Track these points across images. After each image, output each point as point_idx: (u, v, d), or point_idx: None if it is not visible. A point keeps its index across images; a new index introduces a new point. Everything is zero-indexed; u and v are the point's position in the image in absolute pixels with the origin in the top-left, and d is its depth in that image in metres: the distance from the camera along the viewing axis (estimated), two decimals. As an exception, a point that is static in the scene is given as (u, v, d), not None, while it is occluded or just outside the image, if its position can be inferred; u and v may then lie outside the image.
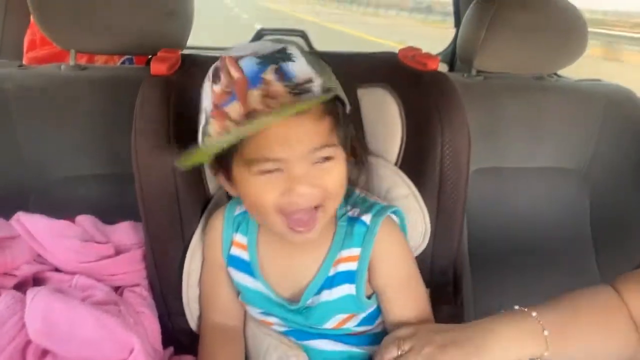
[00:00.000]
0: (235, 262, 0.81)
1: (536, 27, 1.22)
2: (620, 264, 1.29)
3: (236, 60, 0.66)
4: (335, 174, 0.69)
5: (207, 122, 0.68)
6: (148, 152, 0.82)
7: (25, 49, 1.47)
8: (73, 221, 0.90)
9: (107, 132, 1.08)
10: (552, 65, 1.31)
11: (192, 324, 0.88)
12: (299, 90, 0.64)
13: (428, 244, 0.91)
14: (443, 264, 0.93)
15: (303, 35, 1.79)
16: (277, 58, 0.65)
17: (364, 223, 0.76)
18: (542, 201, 1.28)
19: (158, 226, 0.86)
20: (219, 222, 0.81)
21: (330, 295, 0.75)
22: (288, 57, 0.66)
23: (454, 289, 0.95)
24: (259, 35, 1.97)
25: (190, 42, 1.17)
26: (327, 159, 0.67)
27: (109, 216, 0.96)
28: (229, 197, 0.90)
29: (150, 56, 1.14)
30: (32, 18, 1.27)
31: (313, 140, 0.65)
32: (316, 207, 0.69)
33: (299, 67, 0.65)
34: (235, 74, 0.65)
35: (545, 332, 0.66)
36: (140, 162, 0.83)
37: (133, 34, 1.09)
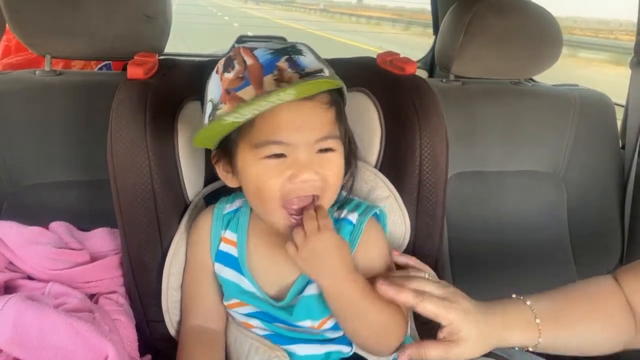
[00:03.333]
0: (222, 258, 0.80)
1: (512, 33, 1.25)
2: (598, 264, 1.32)
3: (251, 50, 0.69)
4: (335, 165, 0.71)
5: (215, 109, 0.70)
6: (124, 153, 0.81)
7: (0, 56, 1.45)
8: (47, 228, 0.88)
9: (83, 137, 1.06)
10: (528, 70, 1.33)
11: (171, 329, 0.86)
12: (311, 77, 0.67)
13: (408, 245, 0.91)
14: (423, 266, 0.93)
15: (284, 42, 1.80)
16: (289, 51, 0.69)
17: (349, 222, 0.78)
18: (521, 204, 1.30)
19: (135, 230, 0.84)
20: (208, 219, 0.82)
21: (313, 289, 0.76)
22: (298, 52, 0.69)
23: (434, 291, 0.95)
24: (239, 41, 1.97)
25: (178, 48, 1.17)
26: (329, 149, 0.70)
27: (84, 223, 0.95)
28: (207, 202, 0.90)
29: (127, 62, 1.13)
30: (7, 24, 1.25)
31: (320, 128, 0.69)
32: (314, 198, 0.70)
33: (309, 60, 0.69)
34: (249, 60, 0.68)
35: (537, 320, 0.68)
36: (116, 164, 0.82)
37: (109, 38, 1.08)
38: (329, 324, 0.78)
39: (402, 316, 0.75)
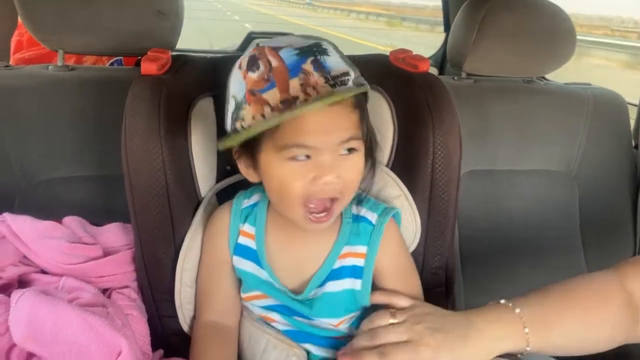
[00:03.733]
0: (241, 251, 0.81)
1: (525, 31, 1.24)
2: (608, 261, 1.29)
3: (275, 50, 0.68)
4: (357, 167, 0.72)
5: (239, 108, 0.70)
6: (138, 149, 0.81)
7: (12, 51, 1.46)
8: (60, 222, 0.88)
9: (96, 133, 1.06)
10: (541, 68, 1.32)
11: (184, 325, 0.86)
12: (336, 82, 0.67)
13: (419, 245, 0.91)
14: (435, 265, 0.93)
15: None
16: (315, 51, 0.68)
17: (369, 222, 0.80)
18: (532, 203, 1.29)
19: (148, 226, 0.84)
20: (226, 214, 0.83)
21: (335, 287, 0.77)
22: (324, 52, 0.69)
23: (445, 289, 0.95)
24: (249, 38, 1.97)
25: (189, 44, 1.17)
26: (352, 150, 0.71)
27: (97, 218, 0.95)
28: (219, 199, 0.90)
29: (139, 57, 1.14)
30: (19, 19, 1.25)
31: (344, 131, 0.69)
32: (333, 199, 0.71)
33: (335, 61, 0.69)
34: (275, 62, 0.68)
35: (526, 330, 0.66)
36: (130, 159, 0.82)
37: (122, 34, 1.08)
38: (347, 322, 0.79)
39: None
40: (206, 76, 0.95)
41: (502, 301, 0.71)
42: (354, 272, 0.78)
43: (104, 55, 1.39)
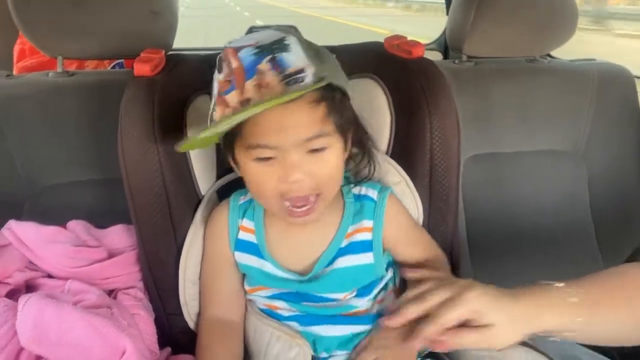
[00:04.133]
0: (242, 246, 0.82)
1: (524, 9, 1.21)
2: (622, 245, 1.28)
3: (236, 50, 0.70)
4: (329, 163, 0.71)
5: (213, 108, 0.72)
6: (134, 151, 0.82)
7: (15, 59, 1.47)
8: (65, 227, 0.90)
9: (97, 136, 1.08)
10: (543, 46, 1.29)
11: (190, 322, 0.88)
12: (290, 80, 0.66)
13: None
14: (439, 251, 0.92)
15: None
16: (274, 48, 0.68)
17: (371, 198, 0.82)
18: (540, 185, 1.27)
19: (149, 226, 0.85)
20: (224, 211, 0.84)
21: (345, 262, 0.79)
22: (284, 48, 0.68)
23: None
24: (250, 31, 1.96)
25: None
26: (321, 149, 0.70)
27: (102, 221, 0.96)
28: (220, 196, 0.90)
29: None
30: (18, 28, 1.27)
31: (306, 128, 0.68)
32: (315, 195, 0.72)
33: (294, 57, 0.68)
34: (234, 63, 0.69)
35: (573, 299, 0.64)
36: (127, 161, 0.83)
37: (118, 36, 1.09)
38: (352, 294, 0.80)
39: (445, 260, 0.83)
40: (201, 74, 0.95)
41: (559, 284, 0.67)
42: (364, 246, 0.80)
43: (102, 59, 1.39)
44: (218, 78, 0.71)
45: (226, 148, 0.76)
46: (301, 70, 0.67)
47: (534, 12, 1.22)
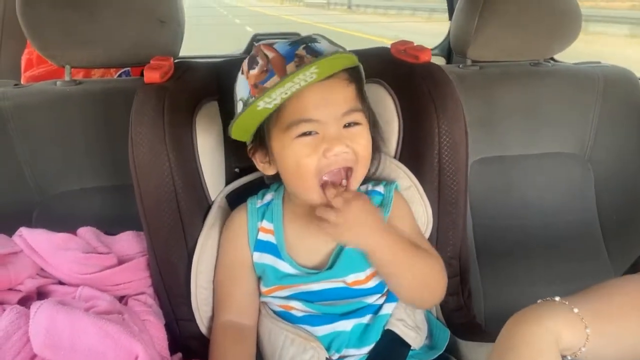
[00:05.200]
0: (262, 247, 0.84)
1: (529, 12, 1.22)
2: (629, 247, 1.28)
3: (270, 44, 0.76)
4: (363, 137, 0.77)
5: (246, 105, 0.75)
6: (145, 156, 0.83)
7: (23, 69, 1.49)
8: (75, 234, 0.90)
9: (106, 144, 1.08)
10: (547, 50, 1.30)
11: (202, 327, 0.88)
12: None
13: (431, 235, 0.91)
14: (448, 255, 0.92)
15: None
16: (305, 40, 0.76)
17: (378, 192, 0.86)
18: (546, 187, 1.27)
19: (160, 232, 0.86)
20: (243, 215, 0.86)
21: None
22: (314, 40, 0.76)
23: (460, 279, 0.95)
24: (254, 39, 1.98)
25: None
26: (356, 123, 0.76)
27: (111, 227, 0.97)
28: (229, 201, 0.90)
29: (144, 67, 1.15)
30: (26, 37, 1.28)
31: (344, 103, 0.75)
32: (347, 169, 0.76)
33: (325, 45, 0.76)
34: (271, 54, 0.75)
35: (575, 310, 0.60)
36: (138, 168, 0.83)
37: (126, 45, 1.10)
38: (375, 279, 0.81)
39: (441, 267, 0.81)
40: (210, 81, 0.96)
41: (557, 298, 0.63)
42: None
43: (110, 68, 1.40)
44: (251, 73, 0.75)
45: (255, 147, 0.80)
46: (336, 51, 0.73)
47: (537, 16, 1.22)
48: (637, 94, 1.28)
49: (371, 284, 0.81)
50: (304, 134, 0.74)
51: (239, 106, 0.78)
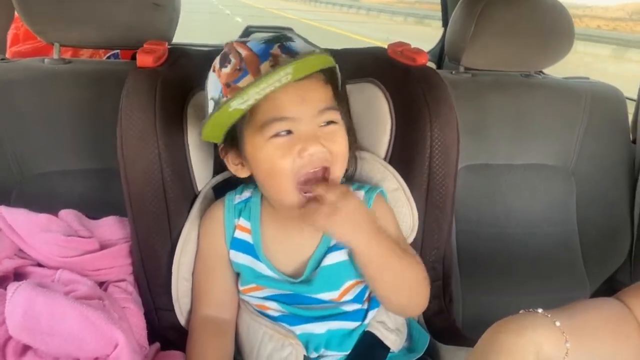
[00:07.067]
0: (238, 245, 0.82)
1: (523, 25, 1.23)
2: (606, 261, 1.31)
3: (243, 43, 0.73)
4: (339, 137, 0.75)
5: (217, 104, 0.73)
6: (134, 141, 0.81)
7: (8, 44, 1.45)
8: (56, 216, 0.88)
9: (91, 126, 1.06)
10: (539, 62, 1.32)
11: (181, 319, 0.86)
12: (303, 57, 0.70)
13: (417, 238, 0.91)
14: (432, 258, 0.93)
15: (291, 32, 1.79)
16: (280, 38, 0.73)
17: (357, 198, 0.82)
18: (529, 198, 1.29)
19: (145, 219, 0.84)
20: (220, 210, 0.84)
21: (331, 259, 0.79)
22: (288, 38, 0.73)
23: (442, 283, 0.95)
24: (247, 32, 1.95)
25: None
26: (332, 122, 0.74)
27: (93, 212, 0.94)
28: (216, 193, 0.89)
29: (136, 50, 1.13)
30: (16, 12, 1.24)
31: (319, 101, 0.73)
32: (325, 172, 0.73)
33: (300, 45, 0.74)
34: (244, 52, 0.72)
35: (557, 324, 0.60)
36: (125, 151, 0.81)
37: (118, 26, 1.08)
38: (349, 295, 0.80)
39: (425, 276, 0.79)
40: (203, 69, 0.94)
41: (539, 310, 0.63)
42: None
43: (100, 49, 1.38)
44: (223, 72, 0.73)
45: (227, 149, 0.78)
46: (312, 52, 0.71)
47: (532, 29, 1.24)
48: (622, 111, 1.31)
49: (347, 297, 0.80)
50: (278, 135, 0.71)
51: (210, 105, 0.75)
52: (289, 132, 0.71)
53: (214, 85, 0.74)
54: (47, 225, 0.84)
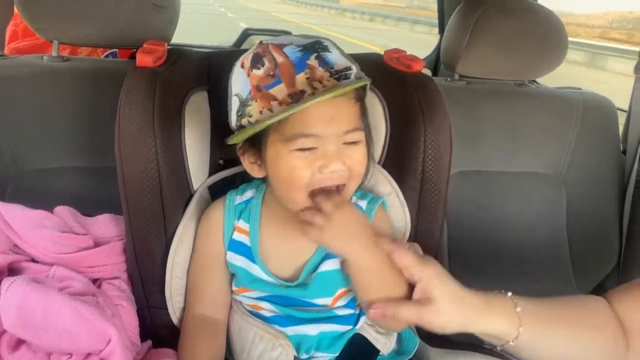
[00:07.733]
0: (235, 247, 0.83)
1: (518, 34, 1.25)
2: (594, 269, 1.33)
3: (279, 47, 0.72)
4: (361, 156, 0.75)
5: (244, 104, 0.73)
6: (132, 139, 0.82)
7: (7, 40, 1.45)
8: (52, 212, 0.88)
9: (89, 124, 1.07)
10: (533, 72, 1.34)
11: (174, 317, 0.87)
12: (340, 75, 0.71)
13: (408, 242, 0.92)
14: (423, 263, 0.94)
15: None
16: (317, 48, 0.72)
17: (360, 207, 0.83)
18: (520, 205, 1.31)
19: (140, 218, 0.85)
20: (220, 210, 0.84)
21: (328, 266, 0.79)
22: (325, 48, 0.73)
23: (433, 287, 0.96)
24: (244, 35, 1.97)
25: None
26: (355, 142, 0.74)
27: (88, 209, 0.95)
28: (211, 192, 0.90)
29: (135, 49, 1.14)
30: (15, 8, 1.25)
31: (348, 121, 0.73)
32: (338, 188, 0.74)
33: (337, 57, 0.73)
34: (280, 58, 0.71)
35: (518, 309, 0.66)
36: (123, 149, 0.82)
37: (118, 25, 1.09)
38: (342, 301, 0.80)
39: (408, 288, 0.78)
40: (201, 70, 0.96)
41: (509, 294, 0.70)
42: None
43: (99, 47, 1.38)
44: (255, 73, 0.72)
45: (246, 148, 0.77)
46: (348, 68, 0.72)
47: (527, 39, 1.26)
48: (613, 122, 1.33)
49: (340, 303, 0.81)
50: (302, 149, 0.71)
51: (234, 101, 0.75)
52: (313, 147, 0.71)
53: (242, 82, 0.74)
54: (42, 221, 0.84)
